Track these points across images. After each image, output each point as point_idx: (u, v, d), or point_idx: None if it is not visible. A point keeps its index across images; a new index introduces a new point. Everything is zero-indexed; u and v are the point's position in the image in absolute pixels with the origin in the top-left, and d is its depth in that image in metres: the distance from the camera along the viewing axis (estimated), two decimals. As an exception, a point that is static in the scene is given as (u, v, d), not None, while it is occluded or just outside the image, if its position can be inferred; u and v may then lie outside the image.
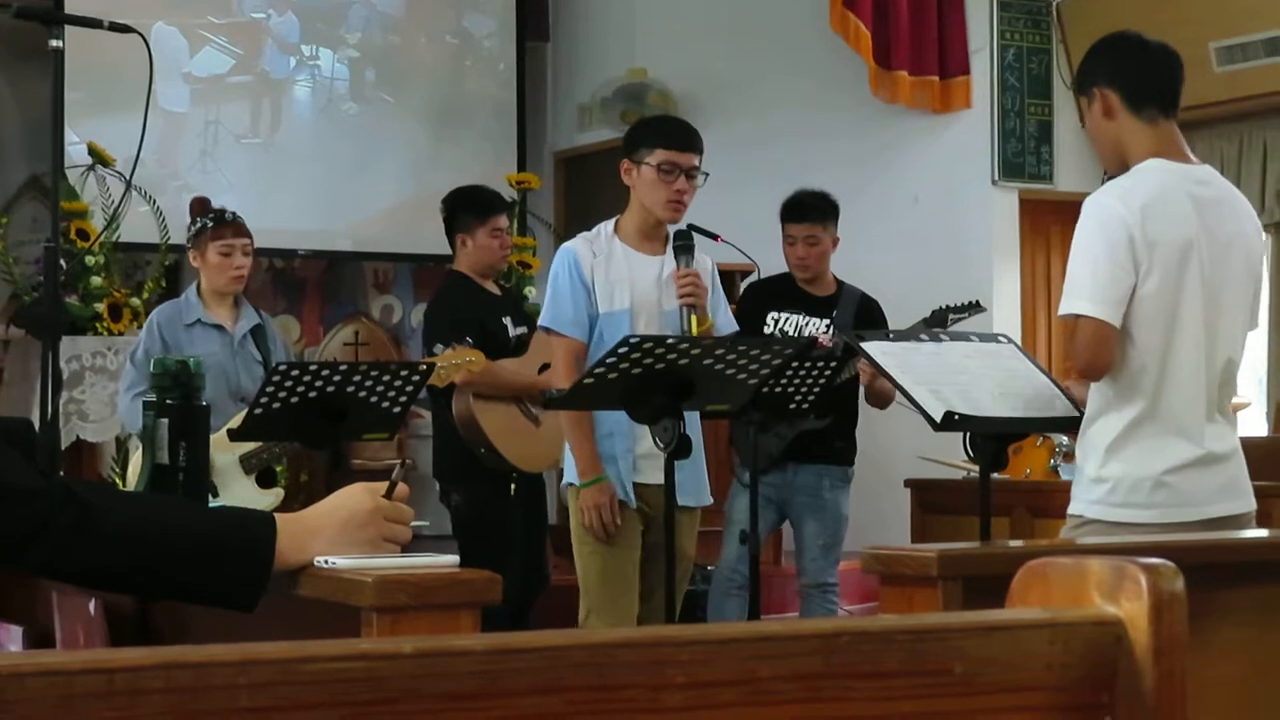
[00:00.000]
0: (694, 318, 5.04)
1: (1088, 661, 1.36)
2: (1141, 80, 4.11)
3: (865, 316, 6.71)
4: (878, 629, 1.32)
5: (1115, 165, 4.17)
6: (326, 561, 2.27)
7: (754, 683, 1.25)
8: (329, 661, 1.13)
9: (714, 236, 7.01)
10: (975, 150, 9.32)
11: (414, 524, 2.44)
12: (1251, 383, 9.36)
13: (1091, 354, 3.93)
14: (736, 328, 5.47)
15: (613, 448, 5.15)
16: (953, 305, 6.53)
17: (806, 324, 6.75)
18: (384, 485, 2.36)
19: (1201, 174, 4.14)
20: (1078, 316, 3.92)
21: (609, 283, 5.17)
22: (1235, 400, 8.80)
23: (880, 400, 6.42)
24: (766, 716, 1.26)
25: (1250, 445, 7.88)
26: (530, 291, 9.33)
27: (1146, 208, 3.93)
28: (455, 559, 2.41)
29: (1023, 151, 9.25)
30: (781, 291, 6.85)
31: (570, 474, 5.23)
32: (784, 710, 1.26)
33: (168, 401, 2.82)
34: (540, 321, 5.42)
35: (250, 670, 1.11)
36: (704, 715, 1.24)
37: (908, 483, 7.85)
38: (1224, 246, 4.05)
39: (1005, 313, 8.98)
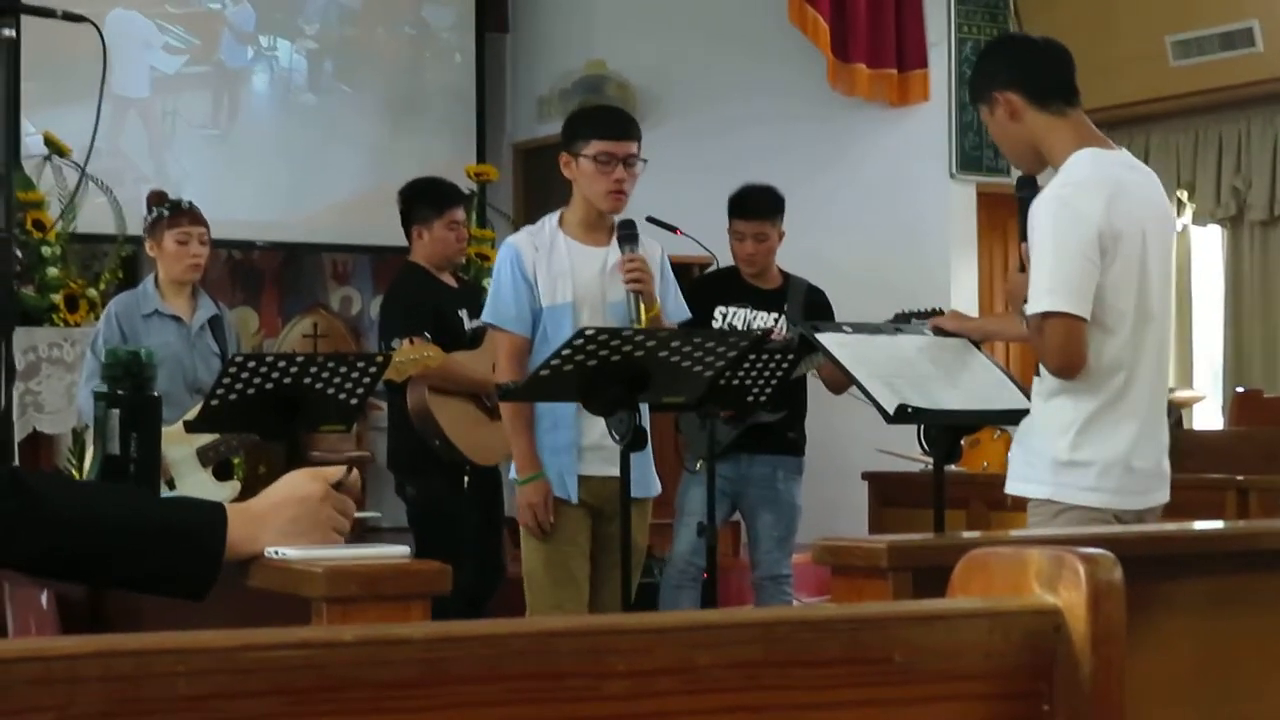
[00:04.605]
0: (641, 304, 5.03)
1: (1026, 650, 1.37)
2: (1039, 76, 4.12)
3: (814, 308, 6.72)
4: (817, 618, 1.33)
5: (1030, 165, 4.18)
6: (277, 552, 2.27)
7: (694, 671, 1.26)
8: (269, 650, 1.14)
9: (673, 229, 7.03)
10: (933, 143, 9.35)
11: (366, 514, 2.44)
12: (1207, 375, 9.42)
13: (1065, 354, 3.92)
14: (689, 314, 5.46)
15: (557, 440, 5.14)
16: (916, 311, 6.53)
17: (754, 318, 6.75)
18: (332, 471, 2.35)
19: (1126, 158, 4.20)
20: (1046, 314, 3.92)
21: (551, 276, 5.16)
22: (1190, 394, 8.85)
23: (836, 386, 6.43)
24: (706, 704, 1.27)
25: (1206, 438, 7.96)
26: (489, 283, 9.30)
27: (1109, 200, 3.96)
28: (406, 550, 2.41)
29: (980, 145, 9.27)
30: (728, 285, 6.85)
31: (514, 469, 5.24)
32: (724, 698, 1.27)
33: (119, 392, 2.81)
34: (483, 317, 5.41)
35: (189, 658, 1.11)
36: (645, 703, 1.25)
37: (865, 475, 7.87)
38: (1161, 232, 4.11)
39: (963, 306, 9.01)
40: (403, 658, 1.18)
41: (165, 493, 5.45)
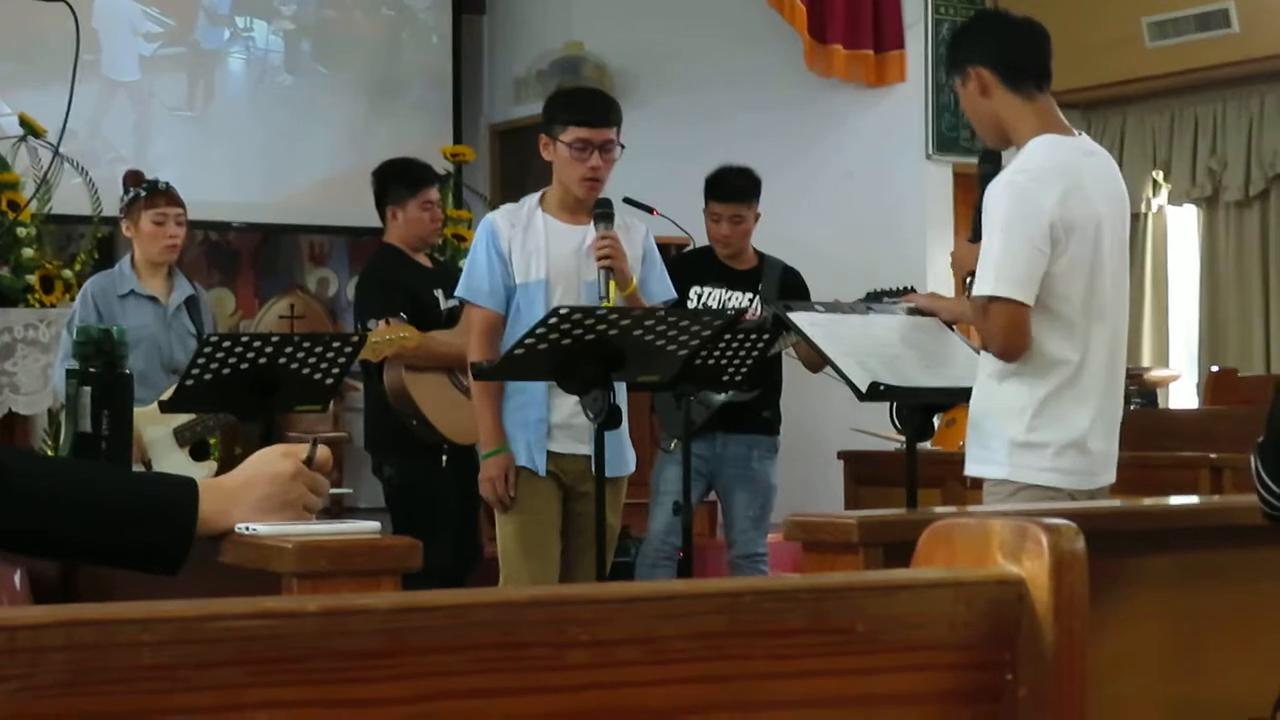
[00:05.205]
0: (613, 282, 5.02)
1: (990, 620, 1.38)
2: (1015, 57, 4.15)
3: (789, 288, 6.73)
4: (780, 588, 1.33)
5: (996, 140, 4.24)
6: (248, 528, 2.28)
7: (657, 641, 1.26)
8: (233, 620, 1.14)
9: (649, 209, 7.02)
10: (909, 124, 9.35)
11: (339, 491, 2.45)
12: (1182, 355, 9.44)
13: (1008, 339, 3.97)
14: (674, 295, 5.47)
15: (526, 416, 5.15)
16: (887, 290, 6.55)
17: (729, 298, 6.77)
18: (303, 448, 2.36)
19: (1085, 144, 4.24)
20: (991, 298, 3.95)
21: (525, 254, 5.16)
22: (1166, 373, 8.87)
23: (814, 365, 6.43)
24: (670, 674, 1.27)
25: (1182, 417, 7.98)
26: (464, 263, 9.31)
27: (1064, 192, 3.99)
28: (377, 525, 2.41)
29: (957, 126, 9.27)
30: (703, 266, 6.86)
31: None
32: (687, 668, 1.28)
33: (90, 370, 2.81)
34: (456, 292, 5.43)
35: (153, 628, 1.11)
36: (608, 673, 1.25)
37: (840, 454, 7.88)
38: (1116, 217, 4.14)
39: (939, 286, 9.01)
40: (366, 628, 1.18)
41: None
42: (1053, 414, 4.01)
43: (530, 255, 5.16)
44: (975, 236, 4.19)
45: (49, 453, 7.69)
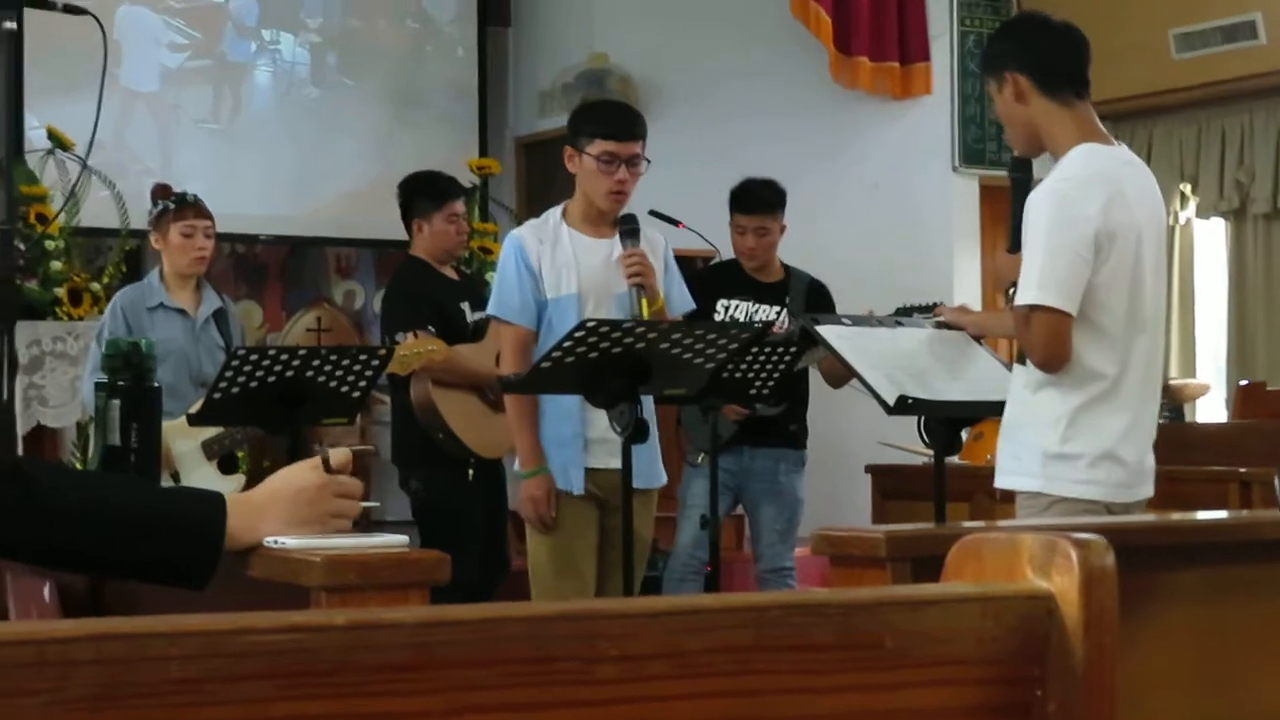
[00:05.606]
0: (644, 299, 5.03)
1: (1019, 635, 1.37)
2: (1052, 64, 4.10)
3: (815, 301, 6.73)
4: (808, 602, 1.33)
5: (1029, 148, 4.18)
6: (276, 542, 2.28)
7: (684, 655, 1.26)
8: (261, 634, 1.14)
9: (675, 222, 7.03)
10: (935, 136, 9.33)
11: (366, 504, 2.45)
12: (1211, 368, 9.41)
13: (1050, 348, 3.92)
14: (694, 305, 5.47)
15: (562, 433, 5.15)
16: (917, 305, 6.54)
17: (756, 311, 6.76)
18: (331, 452, 2.36)
19: (1124, 154, 4.17)
20: (1033, 307, 3.91)
21: (555, 268, 5.17)
22: (1195, 383, 8.84)
23: (835, 380, 6.43)
24: (697, 689, 1.27)
25: (1210, 430, 7.96)
26: (491, 277, 9.31)
27: (1107, 200, 3.95)
28: (405, 539, 2.42)
29: (983, 138, 9.26)
30: (730, 279, 6.86)
31: (517, 462, 5.25)
32: (715, 683, 1.27)
33: (119, 383, 2.82)
34: (488, 310, 5.43)
35: (181, 642, 1.11)
36: (635, 687, 1.25)
37: (868, 468, 7.87)
38: (1155, 227, 4.10)
39: (966, 299, 9.00)
40: (394, 642, 1.18)
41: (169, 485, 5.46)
42: (1086, 425, 3.97)
43: (560, 270, 5.16)
44: (1014, 247, 4.13)
45: (77, 466, 7.71)
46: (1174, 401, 7.92)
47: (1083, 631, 1.37)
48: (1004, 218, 9.31)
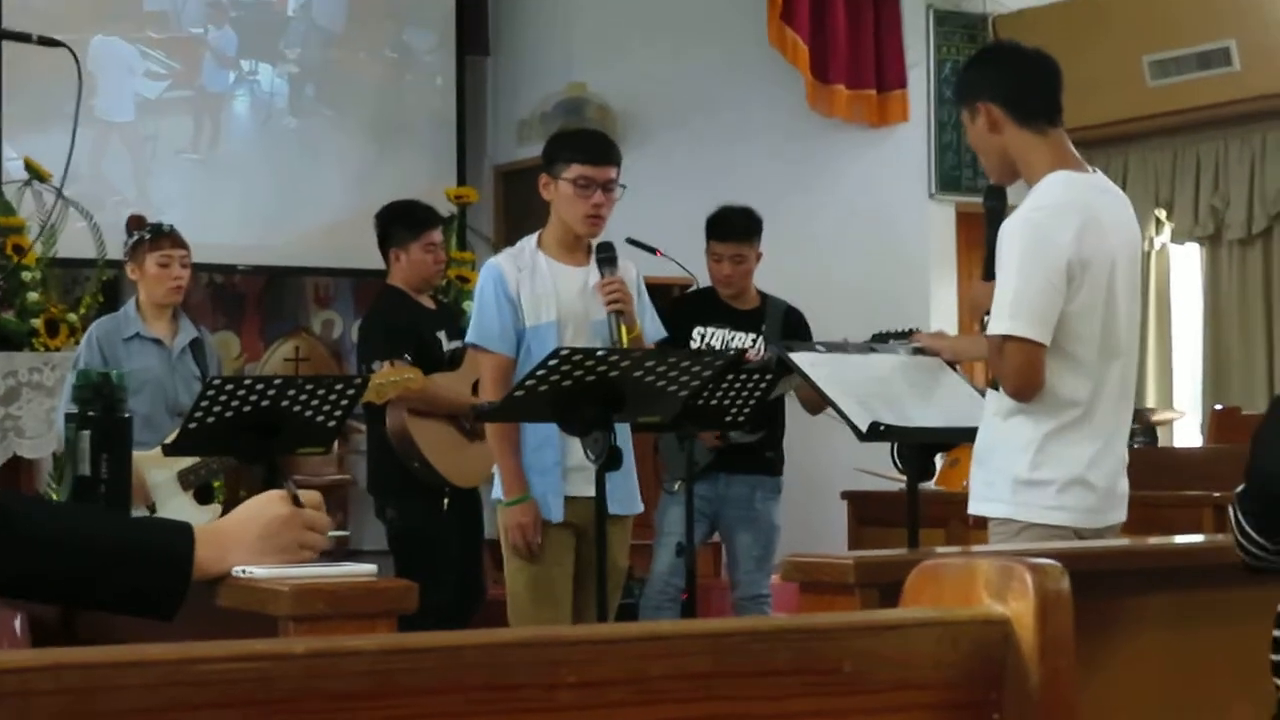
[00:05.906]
0: (622, 325, 5.06)
1: (976, 660, 1.39)
2: (1025, 93, 4.09)
3: (792, 328, 6.74)
4: (768, 628, 1.34)
5: (1004, 176, 4.17)
6: (244, 571, 2.28)
7: (645, 681, 1.27)
8: (220, 662, 1.15)
9: (653, 250, 7.04)
10: (912, 163, 9.37)
11: (337, 533, 2.45)
12: (1186, 393, 9.44)
13: (1023, 378, 3.92)
14: (665, 334, 5.49)
15: (543, 460, 5.16)
16: (894, 331, 6.55)
17: (732, 338, 6.78)
18: (302, 493, 2.37)
19: (1099, 181, 4.17)
20: (1006, 337, 3.91)
21: (534, 296, 5.19)
22: (1171, 413, 8.87)
23: (812, 406, 6.44)
24: (658, 715, 1.28)
25: (1185, 455, 7.98)
26: (468, 306, 9.32)
27: (1080, 229, 3.95)
28: (373, 568, 2.42)
29: (959, 165, 9.30)
30: (706, 306, 6.88)
31: (498, 490, 5.25)
32: (674, 709, 1.28)
33: (90, 414, 2.82)
34: (467, 338, 5.44)
35: (141, 671, 1.12)
36: (596, 714, 1.26)
37: (844, 495, 7.88)
38: (1130, 254, 4.11)
39: (943, 325, 9.02)
40: (355, 669, 1.19)
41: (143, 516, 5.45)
42: (1056, 451, 3.97)
43: (540, 298, 5.18)
44: (989, 275, 4.12)
45: (53, 497, 7.70)
46: (1145, 424, 7.94)
47: (1038, 655, 1.38)
48: (980, 244, 9.36)
